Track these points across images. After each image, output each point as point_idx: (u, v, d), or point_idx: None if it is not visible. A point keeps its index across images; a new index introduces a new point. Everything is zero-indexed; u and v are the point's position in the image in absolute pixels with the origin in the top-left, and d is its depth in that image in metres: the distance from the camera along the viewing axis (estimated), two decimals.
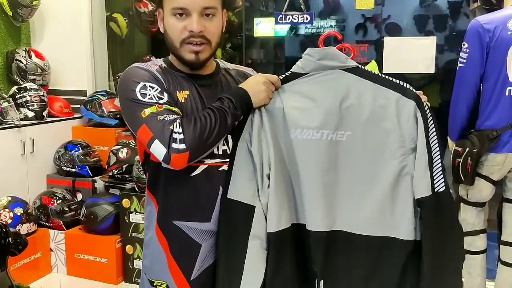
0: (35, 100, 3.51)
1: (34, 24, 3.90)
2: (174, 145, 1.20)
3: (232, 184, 1.32)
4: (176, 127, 1.21)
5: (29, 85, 3.58)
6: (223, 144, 1.34)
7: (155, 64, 1.38)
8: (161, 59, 1.42)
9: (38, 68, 3.71)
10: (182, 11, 1.29)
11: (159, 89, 1.28)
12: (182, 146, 1.20)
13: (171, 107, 1.27)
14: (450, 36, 5.03)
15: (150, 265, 1.41)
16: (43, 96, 3.58)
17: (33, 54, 3.72)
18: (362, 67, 1.36)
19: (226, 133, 1.30)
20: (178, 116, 1.25)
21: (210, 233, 1.34)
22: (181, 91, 1.34)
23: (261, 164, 1.31)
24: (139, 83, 1.28)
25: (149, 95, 1.26)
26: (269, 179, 1.30)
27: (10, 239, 2.33)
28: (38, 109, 3.51)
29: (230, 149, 1.34)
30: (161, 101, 1.26)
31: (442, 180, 1.30)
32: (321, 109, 1.31)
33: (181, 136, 1.20)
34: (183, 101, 1.34)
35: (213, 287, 1.37)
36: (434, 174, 1.30)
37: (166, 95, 1.28)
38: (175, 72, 1.37)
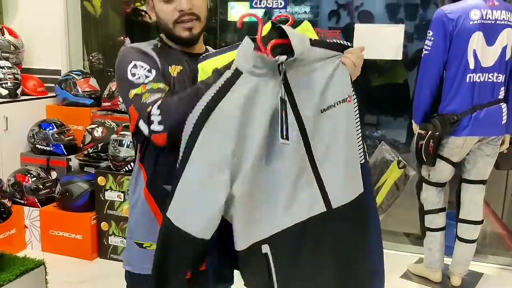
0: (9, 78, 3.50)
1: (7, 1, 3.87)
2: (152, 127, 1.30)
3: None
4: (154, 109, 1.29)
5: (2, 62, 3.56)
6: None
7: (150, 44, 1.48)
8: (156, 39, 1.52)
9: (11, 45, 3.69)
10: None
11: (148, 67, 1.38)
12: (160, 128, 1.29)
13: (155, 85, 1.36)
14: (420, 25, 5.16)
15: (136, 228, 1.49)
16: (17, 74, 3.56)
17: (6, 32, 3.70)
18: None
19: None
20: (159, 96, 1.32)
21: None
22: (174, 66, 1.44)
23: None
24: (131, 62, 1.39)
25: (138, 74, 1.37)
26: None
27: None
28: (11, 87, 3.50)
29: None
30: (146, 80, 1.36)
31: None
32: None
33: (159, 118, 1.29)
34: (175, 75, 1.43)
35: None
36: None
37: (154, 71, 1.38)
38: (169, 50, 1.47)
